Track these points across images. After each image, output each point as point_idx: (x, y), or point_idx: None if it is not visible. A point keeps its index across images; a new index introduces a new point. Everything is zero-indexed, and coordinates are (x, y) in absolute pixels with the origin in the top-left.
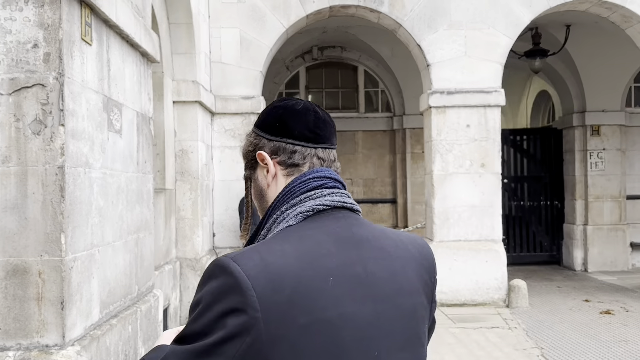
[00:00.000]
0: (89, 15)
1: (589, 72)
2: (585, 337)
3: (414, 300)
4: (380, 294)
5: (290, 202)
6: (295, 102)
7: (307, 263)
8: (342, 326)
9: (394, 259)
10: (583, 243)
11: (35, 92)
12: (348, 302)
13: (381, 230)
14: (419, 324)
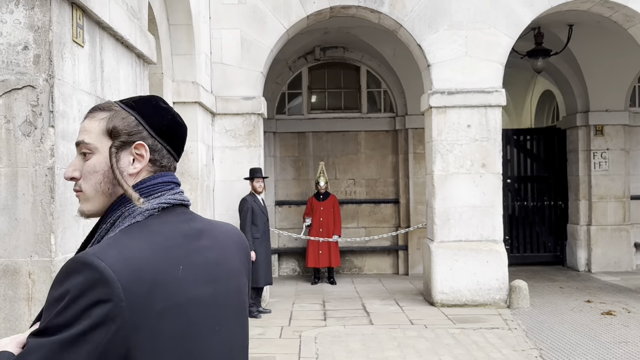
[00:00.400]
0: (80, 17)
1: (592, 71)
2: (585, 338)
3: (239, 281)
4: (217, 277)
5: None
6: (175, 114)
7: (161, 255)
8: (190, 308)
9: (223, 246)
10: (587, 243)
11: (25, 94)
12: (193, 286)
13: (210, 222)
14: (244, 299)
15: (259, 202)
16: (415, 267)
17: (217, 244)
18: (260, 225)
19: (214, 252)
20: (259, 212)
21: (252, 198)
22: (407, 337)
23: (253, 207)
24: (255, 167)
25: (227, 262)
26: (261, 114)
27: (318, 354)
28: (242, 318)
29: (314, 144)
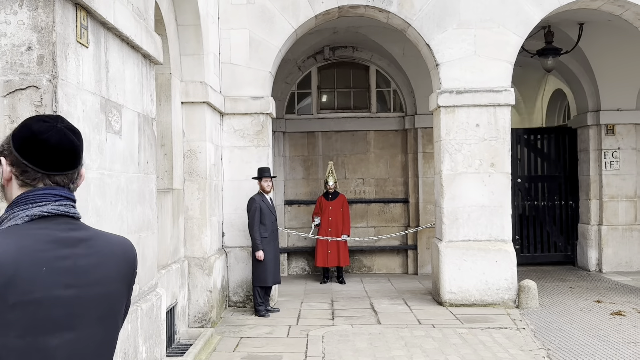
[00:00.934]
0: (84, 17)
1: (603, 70)
2: (594, 339)
3: (109, 288)
4: (82, 283)
5: (21, 206)
6: (45, 128)
7: (25, 255)
8: (45, 306)
9: (100, 256)
10: (597, 243)
11: (29, 94)
12: (56, 287)
13: (96, 234)
14: (114, 305)
15: (267, 202)
16: (425, 266)
17: (93, 253)
18: (268, 224)
19: (87, 260)
20: (267, 211)
21: (260, 197)
22: (415, 337)
23: (261, 206)
24: (263, 166)
25: (99, 270)
26: (270, 113)
27: (325, 353)
28: (106, 324)
29: (323, 143)
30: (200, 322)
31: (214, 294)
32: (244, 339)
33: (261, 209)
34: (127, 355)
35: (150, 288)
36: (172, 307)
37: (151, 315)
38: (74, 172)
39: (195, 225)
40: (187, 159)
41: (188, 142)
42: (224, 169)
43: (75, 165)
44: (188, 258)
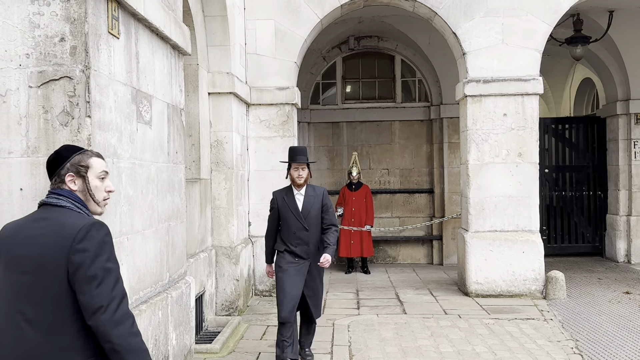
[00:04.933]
0: (115, 9)
1: (633, 59)
2: (623, 330)
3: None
4: (31, 249)
5: None
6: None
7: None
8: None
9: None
10: (626, 234)
11: (62, 85)
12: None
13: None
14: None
15: (293, 200)
16: (450, 257)
17: (40, 229)
18: (289, 233)
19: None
20: (290, 215)
21: (285, 193)
22: (441, 327)
23: (279, 207)
24: (296, 145)
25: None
26: (295, 104)
27: (351, 342)
28: (40, 279)
29: (348, 133)
30: (228, 310)
31: (240, 282)
32: (270, 327)
33: (279, 210)
34: (158, 341)
35: (179, 276)
36: (200, 296)
37: (181, 303)
38: (57, 178)
39: (222, 214)
40: (214, 149)
41: (215, 132)
42: (250, 159)
43: (50, 172)
44: (215, 247)
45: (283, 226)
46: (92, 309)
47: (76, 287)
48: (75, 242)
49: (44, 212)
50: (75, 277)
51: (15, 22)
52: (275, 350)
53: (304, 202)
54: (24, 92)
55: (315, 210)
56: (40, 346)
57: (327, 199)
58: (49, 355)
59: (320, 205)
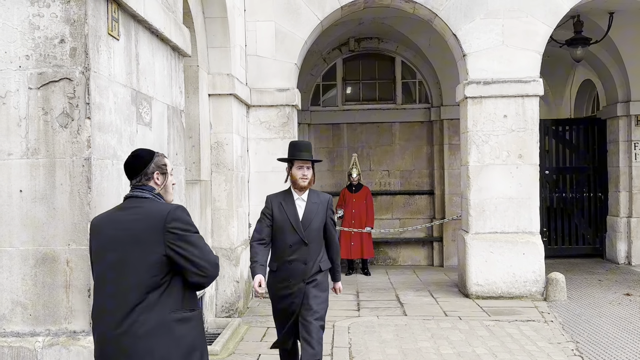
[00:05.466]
0: (115, 10)
1: (633, 60)
2: (624, 332)
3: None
4: (124, 235)
5: None
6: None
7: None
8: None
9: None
10: (627, 236)
11: (62, 86)
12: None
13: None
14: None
15: (292, 206)
16: (450, 258)
17: (132, 216)
18: (283, 245)
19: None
20: (287, 223)
21: (282, 197)
22: (441, 329)
23: (274, 212)
24: (297, 140)
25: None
26: (295, 105)
27: (351, 344)
28: (140, 268)
29: (348, 135)
30: (228, 312)
31: (240, 284)
32: (270, 329)
33: (273, 217)
34: None
35: None
36: (201, 297)
37: None
38: (140, 176)
39: (222, 216)
40: (214, 150)
41: (215, 134)
42: (250, 160)
43: (132, 173)
44: (215, 249)
45: (277, 238)
46: (195, 263)
47: (174, 252)
48: (167, 222)
49: (131, 203)
50: (174, 246)
51: (15, 24)
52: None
53: (305, 209)
54: (23, 94)
55: (317, 221)
56: (138, 304)
57: (332, 209)
58: (147, 308)
59: (324, 215)
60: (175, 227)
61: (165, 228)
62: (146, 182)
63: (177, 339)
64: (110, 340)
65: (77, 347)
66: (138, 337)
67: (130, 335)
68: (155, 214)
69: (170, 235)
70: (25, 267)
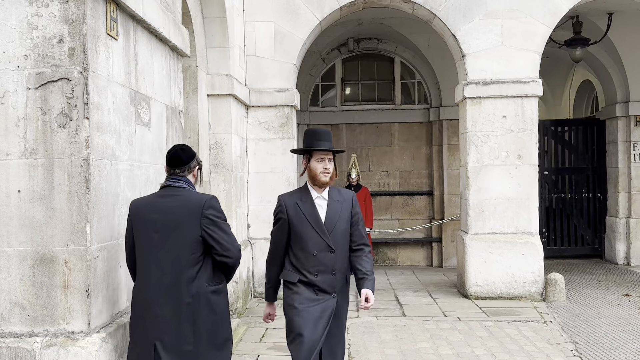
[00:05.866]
0: (114, 10)
1: (632, 61)
2: (623, 332)
3: (176, 218)
4: (166, 218)
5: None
6: (175, 148)
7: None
8: (147, 223)
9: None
10: (626, 236)
11: (60, 86)
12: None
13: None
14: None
15: (312, 206)
16: (449, 259)
17: (172, 202)
18: (306, 254)
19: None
20: (308, 228)
21: (298, 197)
22: (440, 329)
23: (289, 216)
24: (315, 127)
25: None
26: (294, 105)
27: (350, 344)
28: (180, 246)
29: (347, 135)
30: None
31: (239, 285)
32: (269, 329)
33: (291, 223)
34: None
35: None
36: None
37: None
38: (180, 169)
39: None
40: (213, 151)
41: (214, 134)
42: (249, 161)
43: (179, 164)
44: None
45: (296, 246)
46: (224, 245)
47: (208, 235)
48: (204, 208)
49: (168, 191)
50: (208, 229)
51: (13, 24)
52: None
53: (328, 209)
54: (22, 94)
55: (343, 222)
56: (189, 283)
57: (357, 206)
58: (189, 284)
59: (349, 215)
60: (210, 213)
61: (202, 214)
62: (187, 174)
63: (212, 306)
64: (155, 309)
65: (75, 348)
66: (182, 305)
67: (174, 303)
68: (194, 201)
69: (205, 220)
70: (23, 268)
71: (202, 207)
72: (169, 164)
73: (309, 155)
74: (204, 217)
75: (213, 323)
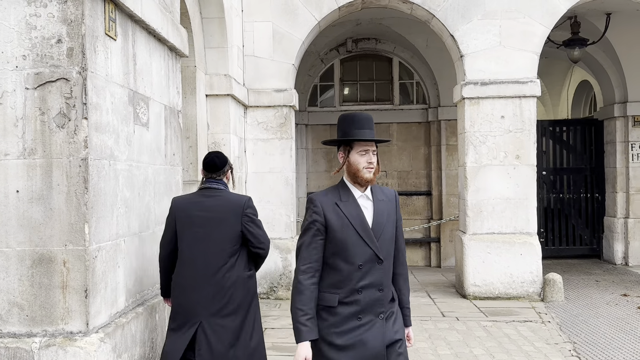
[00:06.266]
0: (113, 10)
1: (630, 61)
2: (621, 332)
3: (221, 215)
4: (210, 215)
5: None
6: (211, 154)
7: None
8: (193, 219)
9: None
10: (624, 236)
11: (59, 86)
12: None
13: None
14: (225, 219)
15: (356, 207)
16: (448, 259)
17: (214, 202)
18: (350, 272)
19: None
20: (355, 237)
21: (336, 197)
22: (438, 329)
23: (328, 219)
24: (353, 112)
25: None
26: (293, 106)
27: None
28: (223, 239)
29: None
30: None
31: None
32: (268, 329)
33: (330, 229)
34: (154, 344)
35: None
36: None
37: None
38: (217, 172)
39: None
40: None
41: (212, 134)
42: (248, 161)
43: (217, 167)
44: None
45: (336, 257)
46: (258, 239)
47: (247, 230)
48: (245, 208)
49: (208, 192)
50: (247, 225)
51: (12, 24)
52: None
53: (375, 211)
54: (20, 94)
55: (390, 226)
56: (230, 269)
57: (399, 208)
58: (230, 271)
59: (394, 218)
60: (249, 212)
61: (243, 212)
62: (222, 178)
63: (247, 289)
64: (206, 285)
65: (74, 348)
66: (225, 287)
67: (218, 286)
68: (234, 201)
69: (245, 218)
70: (22, 268)
71: (243, 206)
72: (206, 169)
73: (348, 147)
74: (244, 215)
75: (248, 301)
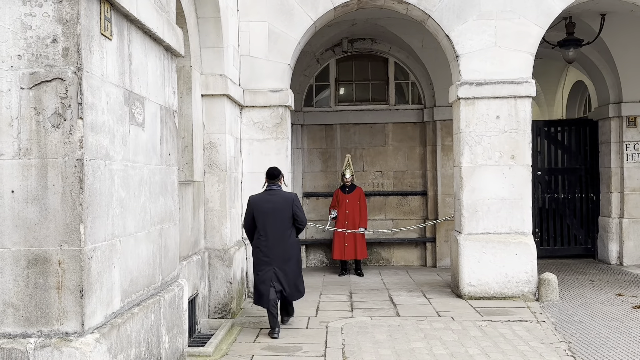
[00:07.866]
0: (108, 10)
1: (625, 62)
2: (616, 332)
3: (282, 206)
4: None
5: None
6: (271, 168)
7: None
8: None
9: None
10: (618, 236)
11: (54, 86)
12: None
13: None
14: (285, 214)
15: None
16: (443, 259)
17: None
18: None
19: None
20: None
21: None
22: (434, 329)
23: None
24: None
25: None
26: (288, 106)
27: (344, 344)
28: (283, 219)
29: (341, 136)
30: (221, 313)
31: (234, 285)
32: (263, 329)
33: None
34: (150, 344)
35: (172, 279)
36: (193, 298)
37: (173, 306)
38: (276, 179)
39: (216, 217)
40: (207, 151)
41: (208, 134)
42: (243, 161)
43: (275, 174)
44: (208, 249)
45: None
46: (300, 219)
47: (295, 214)
48: (293, 201)
49: (272, 192)
50: (295, 211)
51: (6, 23)
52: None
53: None
54: (15, 94)
55: None
56: (288, 237)
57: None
58: (288, 238)
59: None
60: (295, 203)
61: (293, 203)
62: (278, 182)
63: (297, 248)
64: (277, 246)
65: (69, 349)
66: (288, 245)
67: (285, 244)
68: (287, 197)
69: (294, 207)
70: (17, 268)
71: (293, 200)
72: (268, 177)
73: None
74: (294, 206)
75: (297, 254)
